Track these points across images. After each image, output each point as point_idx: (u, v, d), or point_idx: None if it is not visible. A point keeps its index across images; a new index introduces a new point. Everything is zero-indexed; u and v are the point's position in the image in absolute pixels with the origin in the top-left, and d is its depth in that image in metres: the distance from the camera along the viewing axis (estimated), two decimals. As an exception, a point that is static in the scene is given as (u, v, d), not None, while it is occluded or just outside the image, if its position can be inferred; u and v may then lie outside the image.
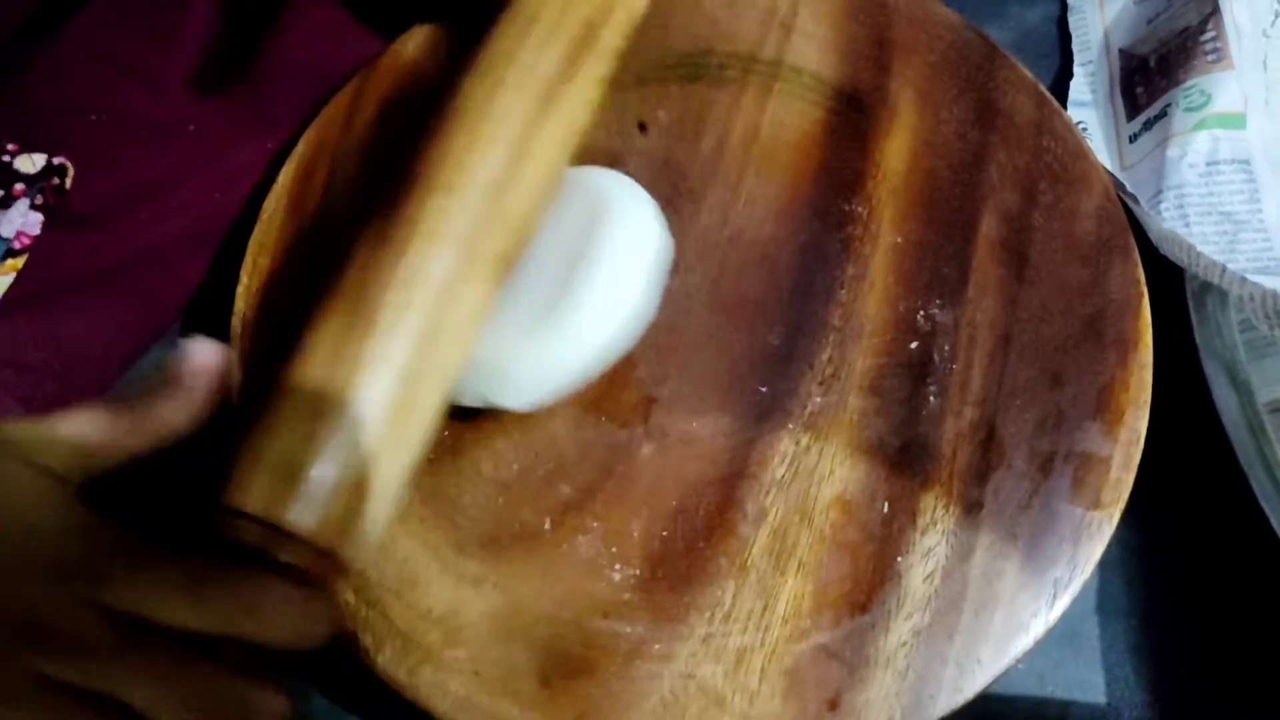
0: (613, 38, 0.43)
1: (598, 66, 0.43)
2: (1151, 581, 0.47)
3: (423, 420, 0.37)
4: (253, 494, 0.34)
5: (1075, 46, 0.57)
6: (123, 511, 0.33)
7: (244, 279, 0.48)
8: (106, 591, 0.31)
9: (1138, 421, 0.44)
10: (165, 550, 0.32)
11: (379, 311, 0.37)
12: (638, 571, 0.43)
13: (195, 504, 0.35)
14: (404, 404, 0.36)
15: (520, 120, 0.40)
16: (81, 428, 0.34)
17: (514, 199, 0.40)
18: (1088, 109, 0.55)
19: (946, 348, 0.46)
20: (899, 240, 0.48)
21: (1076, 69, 0.56)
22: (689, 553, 0.43)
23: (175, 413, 0.36)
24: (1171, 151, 0.50)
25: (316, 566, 0.35)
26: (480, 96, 0.40)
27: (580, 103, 0.42)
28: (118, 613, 0.31)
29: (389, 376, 0.36)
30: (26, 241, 0.47)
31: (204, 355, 0.36)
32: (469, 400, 0.42)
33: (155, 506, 0.35)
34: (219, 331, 0.47)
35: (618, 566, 0.43)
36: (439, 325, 0.37)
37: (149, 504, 0.35)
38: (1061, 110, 0.50)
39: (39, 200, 0.47)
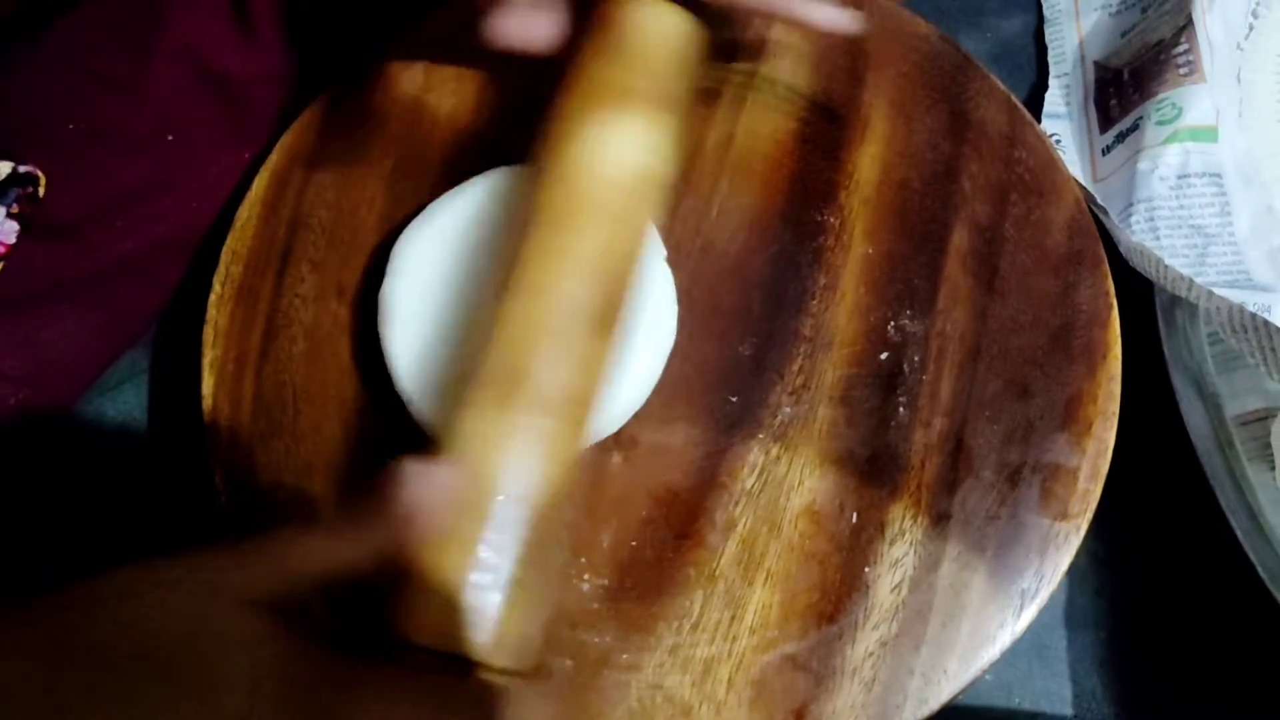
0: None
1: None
2: (1119, 593, 0.47)
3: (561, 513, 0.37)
4: (427, 628, 0.33)
5: (1051, 58, 0.58)
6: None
7: (217, 287, 0.48)
8: None
9: (1105, 433, 0.44)
10: (380, 675, 0.31)
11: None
12: (606, 581, 0.43)
13: (368, 627, 0.34)
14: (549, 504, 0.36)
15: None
16: (296, 554, 0.32)
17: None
18: (1062, 121, 0.55)
19: (916, 359, 0.46)
20: (870, 251, 0.48)
21: (1052, 81, 0.57)
22: (658, 563, 0.43)
23: (388, 540, 0.33)
24: (1143, 164, 0.50)
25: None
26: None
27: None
28: None
29: (533, 476, 0.36)
30: (2, 250, 0.47)
31: (421, 486, 0.33)
32: None
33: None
34: (192, 338, 0.48)
35: (586, 576, 0.43)
36: (580, 417, 0.38)
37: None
38: (1034, 122, 0.50)
39: (14, 209, 0.47)
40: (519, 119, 0.51)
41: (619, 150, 0.39)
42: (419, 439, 0.44)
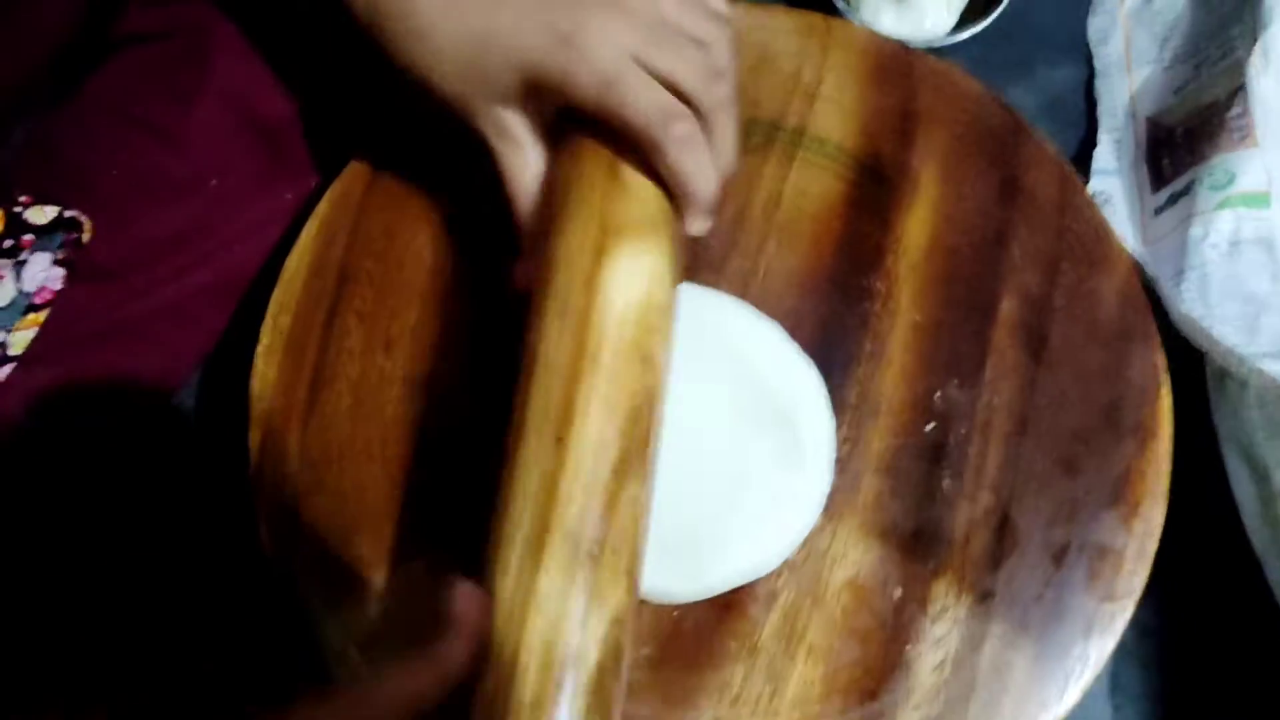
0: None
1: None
2: (1166, 665, 0.47)
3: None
4: None
5: (1101, 112, 0.57)
6: None
7: (264, 339, 0.48)
8: None
9: (1154, 513, 0.44)
10: None
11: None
12: (648, 651, 0.43)
13: None
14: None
15: None
16: (383, 697, 0.33)
17: None
18: (1111, 177, 0.55)
19: (963, 430, 0.46)
20: (918, 318, 0.47)
21: (1101, 135, 0.56)
22: (699, 633, 0.43)
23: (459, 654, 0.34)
24: (1194, 230, 0.50)
25: None
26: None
27: None
28: None
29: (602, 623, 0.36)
30: (49, 296, 0.48)
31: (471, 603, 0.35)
32: None
33: None
34: (238, 387, 0.48)
35: (628, 645, 0.43)
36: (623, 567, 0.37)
37: None
38: (1084, 189, 0.50)
39: (60, 255, 0.48)
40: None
41: (625, 286, 0.39)
42: (463, 494, 0.44)
